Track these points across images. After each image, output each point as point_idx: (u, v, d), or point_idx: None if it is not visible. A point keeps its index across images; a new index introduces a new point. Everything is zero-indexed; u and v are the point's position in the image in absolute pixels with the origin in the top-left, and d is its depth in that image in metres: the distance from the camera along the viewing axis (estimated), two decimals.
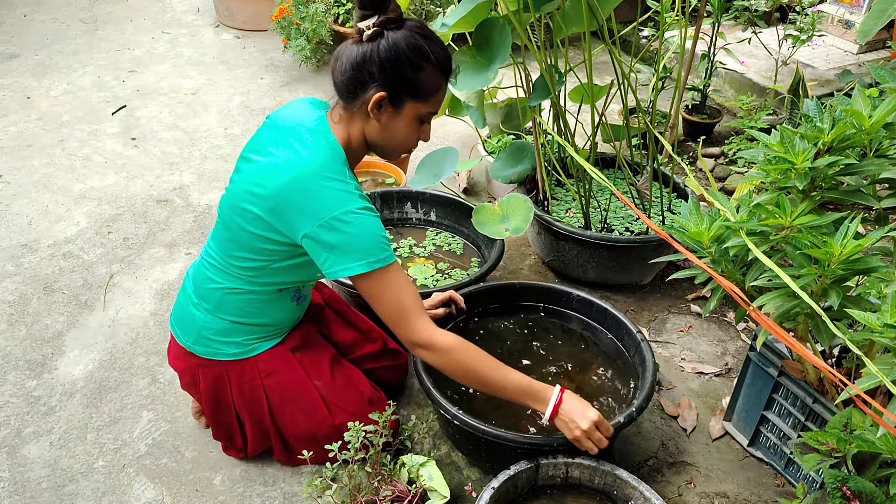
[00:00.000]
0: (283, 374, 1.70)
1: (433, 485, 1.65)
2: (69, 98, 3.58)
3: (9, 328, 2.22)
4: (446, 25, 1.99)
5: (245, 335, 1.67)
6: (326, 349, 1.81)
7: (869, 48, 3.93)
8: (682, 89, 2.34)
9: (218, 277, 1.62)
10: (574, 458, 1.59)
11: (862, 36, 1.60)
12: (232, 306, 1.63)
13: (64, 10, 4.64)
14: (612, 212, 2.49)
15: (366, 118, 1.47)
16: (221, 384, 1.70)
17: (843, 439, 1.34)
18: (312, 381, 1.72)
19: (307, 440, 1.73)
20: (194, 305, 1.67)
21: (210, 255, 1.64)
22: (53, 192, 2.88)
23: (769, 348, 1.71)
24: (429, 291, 1.97)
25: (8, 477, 1.77)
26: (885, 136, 1.39)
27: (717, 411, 2.00)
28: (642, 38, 3.87)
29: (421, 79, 1.43)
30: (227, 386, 1.70)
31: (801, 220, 1.32)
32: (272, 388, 1.70)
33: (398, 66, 1.40)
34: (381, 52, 1.39)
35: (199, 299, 1.66)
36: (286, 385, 1.70)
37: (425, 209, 2.50)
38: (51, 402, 1.98)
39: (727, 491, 1.79)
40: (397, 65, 1.40)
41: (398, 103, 1.45)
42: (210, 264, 1.63)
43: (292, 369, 1.71)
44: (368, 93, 1.42)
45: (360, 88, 1.43)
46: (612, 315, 1.97)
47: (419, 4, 3.79)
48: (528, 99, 2.19)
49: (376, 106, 1.43)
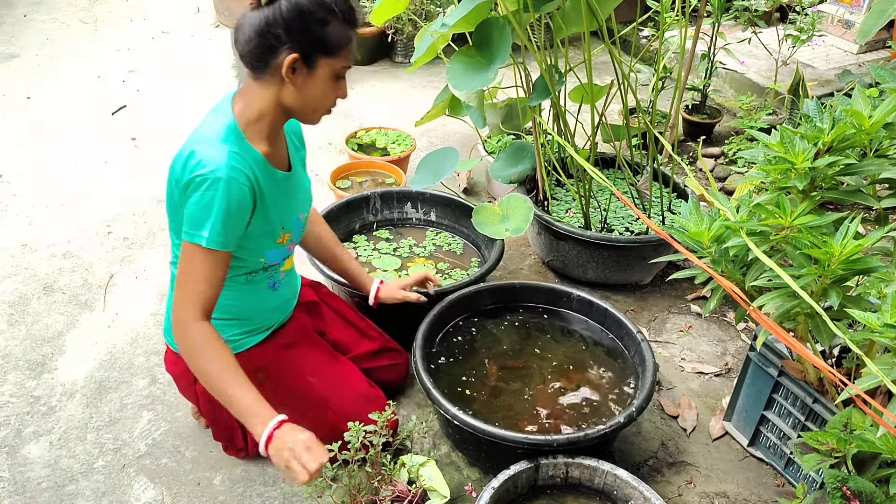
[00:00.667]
0: (276, 370, 1.69)
1: (433, 485, 1.65)
2: (69, 98, 3.58)
3: (9, 328, 2.22)
4: (446, 25, 1.99)
5: (230, 330, 1.63)
6: (321, 346, 1.80)
7: (869, 48, 3.94)
8: (682, 89, 2.34)
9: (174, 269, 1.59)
10: (574, 459, 1.59)
11: (862, 36, 1.60)
12: None
13: (64, 10, 4.63)
14: (612, 212, 2.49)
15: (280, 84, 1.42)
16: None
17: (843, 439, 1.34)
18: (307, 377, 1.71)
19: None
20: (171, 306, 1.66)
21: (174, 255, 1.60)
22: (53, 192, 2.88)
23: (769, 348, 1.71)
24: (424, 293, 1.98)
25: (8, 477, 1.77)
26: (885, 136, 1.39)
27: (717, 411, 2.00)
28: (642, 38, 3.87)
29: (329, 33, 1.39)
30: None
31: (801, 220, 1.33)
32: (265, 384, 1.66)
33: (305, 24, 1.36)
34: (284, 13, 1.35)
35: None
36: (279, 381, 1.69)
37: (425, 209, 2.50)
38: (51, 402, 1.98)
39: (727, 491, 1.79)
40: (303, 23, 1.36)
41: (311, 63, 1.40)
42: (174, 263, 1.59)
43: (285, 365, 1.70)
44: (279, 57, 1.38)
45: (270, 54, 1.38)
46: (612, 315, 1.97)
47: (419, 4, 3.79)
48: (528, 99, 2.19)
49: (290, 69, 1.39)
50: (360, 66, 4.06)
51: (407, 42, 3.99)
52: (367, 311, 2.04)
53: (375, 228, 2.49)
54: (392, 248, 2.40)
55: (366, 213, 2.46)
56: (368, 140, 3.03)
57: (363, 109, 3.60)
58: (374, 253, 2.37)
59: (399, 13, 2.33)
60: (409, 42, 3.98)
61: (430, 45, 2.28)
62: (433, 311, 1.93)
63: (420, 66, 2.41)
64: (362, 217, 2.46)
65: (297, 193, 1.63)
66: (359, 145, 3.00)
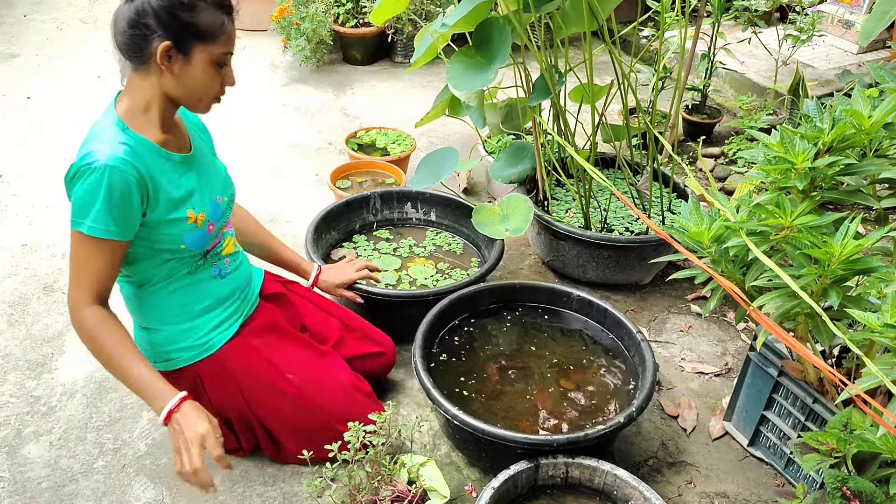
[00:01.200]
0: (250, 364, 1.68)
1: (433, 485, 1.65)
2: (69, 98, 3.58)
3: (9, 328, 2.22)
4: (446, 25, 1.99)
5: (192, 334, 1.64)
6: (297, 339, 1.77)
7: (869, 48, 3.94)
8: (682, 89, 2.34)
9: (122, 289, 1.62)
10: (574, 458, 1.59)
11: (864, 38, 1.60)
12: (154, 310, 1.61)
13: (64, 10, 4.63)
14: (612, 212, 2.49)
15: (159, 73, 1.44)
16: (196, 389, 1.67)
17: (843, 439, 1.34)
18: (284, 374, 1.69)
19: (291, 431, 1.72)
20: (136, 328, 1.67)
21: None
22: (53, 191, 2.87)
23: (769, 348, 1.71)
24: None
25: (8, 477, 1.77)
26: (885, 136, 1.39)
27: (717, 411, 2.00)
28: (642, 38, 3.87)
29: (200, 19, 1.40)
30: (201, 389, 1.68)
31: (801, 220, 1.33)
32: (243, 379, 1.67)
33: (173, 11, 1.38)
34: (152, 2, 1.37)
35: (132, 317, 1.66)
36: (255, 375, 1.68)
37: (425, 209, 2.50)
38: (51, 402, 1.98)
39: (727, 491, 1.79)
40: (171, 10, 1.37)
41: (186, 50, 1.41)
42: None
43: (259, 358, 1.68)
44: (152, 45, 1.39)
45: (144, 44, 1.40)
46: (612, 315, 1.97)
47: (419, 4, 3.79)
48: (528, 99, 2.19)
49: (165, 57, 1.40)
50: (360, 66, 4.06)
51: (407, 42, 3.99)
52: (367, 311, 2.04)
53: (375, 228, 2.49)
54: (392, 248, 2.40)
55: (366, 213, 2.46)
56: (368, 140, 3.03)
57: (363, 109, 3.60)
58: (374, 253, 2.37)
59: (399, 13, 2.33)
60: (409, 42, 3.98)
61: (430, 45, 2.28)
62: (433, 311, 1.93)
63: (420, 66, 2.41)
64: (362, 217, 2.46)
65: (207, 176, 1.63)
66: (359, 145, 3.00)
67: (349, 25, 3.89)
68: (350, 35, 3.93)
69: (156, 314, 1.62)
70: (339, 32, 3.90)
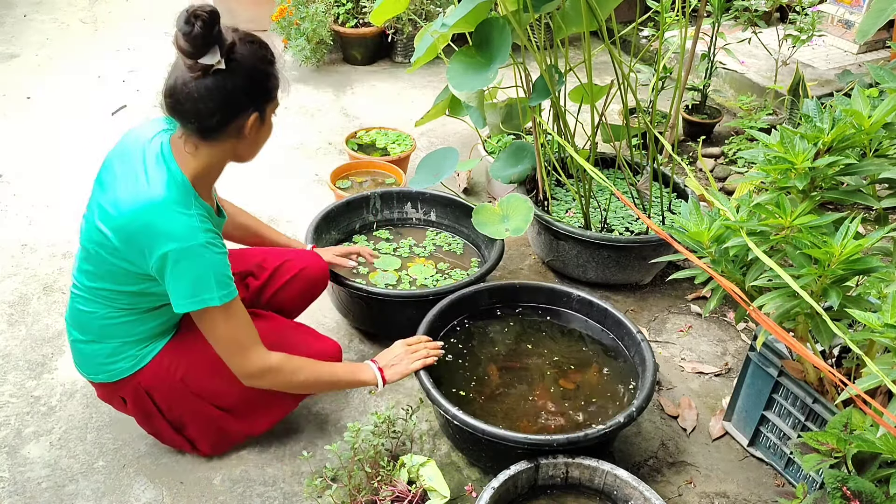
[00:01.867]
0: (191, 357, 1.65)
1: (433, 485, 1.65)
2: (69, 98, 3.58)
3: (9, 328, 2.22)
4: (446, 25, 1.99)
5: (136, 348, 1.63)
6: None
7: (869, 48, 3.93)
8: (682, 89, 2.34)
9: (91, 308, 1.58)
10: (574, 458, 1.59)
11: (861, 36, 1.60)
12: (118, 330, 1.60)
13: (64, 10, 4.64)
14: (612, 212, 2.49)
15: (237, 141, 1.47)
16: (140, 397, 1.67)
17: (843, 439, 1.34)
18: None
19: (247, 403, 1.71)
20: (80, 342, 1.65)
21: (79, 288, 1.59)
22: (53, 191, 2.88)
23: (769, 348, 1.71)
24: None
25: (8, 477, 1.77)
26: (885, 136, 1.40)
27: (717, 411, 2.00)
28: (642, 38, 3.87)
29: (273, 84, 1.47)
30: (146, 397, 1.67)
31: (801, 220, 1.33)
32: (186, 373, 1.65)
33: (260, 84, 1.43)
34: (242, 80, 1.39)
35: (80, 333, 1.64)
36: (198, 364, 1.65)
37: (425, 209, 2.50)
38: (51, 402, 1.98)
39: (727, 491, 1.79)
40: (259, 83, 1.43)
41: (263, 115, 1.48)
42: (80, 297, 1.59)
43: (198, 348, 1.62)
44: (241, 120, 1.43)
45: (233, 119, 1.42)
46: (612, 315, 1.97)
47: (419, 4, 3.79)
48: (528, 99, 2.19)
49: (253, 125, 1.46)
50: (360, 66, 4.06)
51: (407, 42, 3.99)
52: (367, 311, 2.04)
53: (375, 228, 2.49)
54: (392, 249, 2.40)
55: (366, 213, 2.46)
56: (368, 140, 3.03)
57: (363, 109, 3.60)
58: (374, 253, 2.37)
59: (399, 13, 2.33)
60: (409, 42, 3.98)
61: (430, 45, 2.28)
62: (433, 311, 1.93)
63: (420, 66, 2.41)
64: (362, 217, 2.46)
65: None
66: (359, 145, 3.00)
67: (349, 25, 3.89)
68: (350, 35, 3.93)
69: (118, 332, 1.61)
70: (339, 32, 3.90)
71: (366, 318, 2.14)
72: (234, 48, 1.37)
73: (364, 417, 1.94)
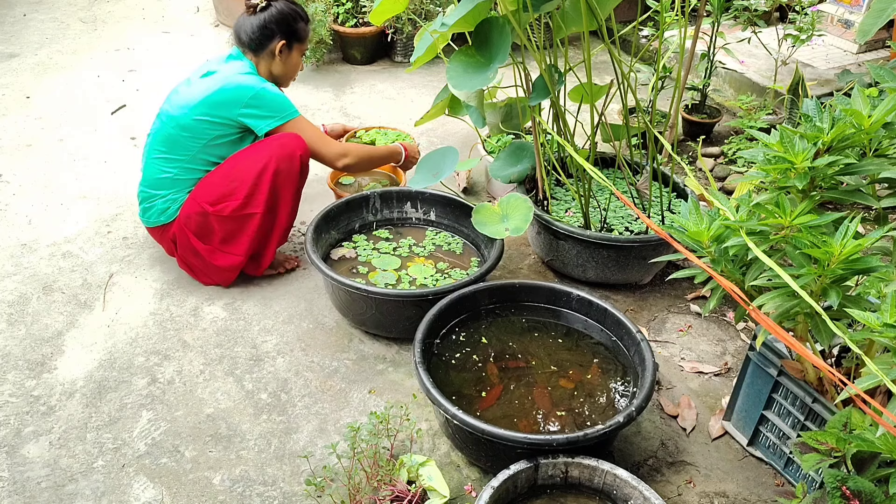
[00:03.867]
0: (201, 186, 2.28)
1: (433, 484, 1.65)
2: (69, 98, 3.58)
3: (8, 328, 2.22)
4: (446, 25, 1.99)
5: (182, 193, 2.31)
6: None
7: (868, 48, 3.93)
8: (682, 89, 2.34)
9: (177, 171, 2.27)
10: (574, 458, 1.59)
11: (861, 35, 1.60)
12: (188, 186, 2.28)
13: (64, 10, 4.63)
14: (612, 211, 2.49)
15: (270, 60, 2.28)
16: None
17: (843, 439, 1.34)
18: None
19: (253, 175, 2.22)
20: (162, 199, 2.28)
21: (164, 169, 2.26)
22: (53, 191, 2.88)
23: (769, 348, 1.71)
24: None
25: (7, 476, 1.77)
26: (885, 136, 1.39)
27: (716, 411, 2.00)
28: (642, 38, 3.87)
29: (300, 29, 2.29)
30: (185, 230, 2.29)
31: (801, 219, 1.33)
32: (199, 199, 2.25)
33: (288, 24, 2.25)
34: (275, 17, 2.23)
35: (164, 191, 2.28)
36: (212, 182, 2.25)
37: (425, 209, 2.50)
38: (50, 401, 1.98)
39: (727, 490, 1.80)
40: (287, 23, 2.25)
41: (290, 47, 2.29)
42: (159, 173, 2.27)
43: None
44: (273, 43, 2.25)
45: (266, 42, 2.25)
46: (611, 315, 1.97)
47: (419, 4, 3.79)
48: (528, 98, 2.19)
49: (279, 51, 2.26)
50: (359, 66, 4.06)
51: (406, 42, 3.99)
52: (368, 310, 2.03)
53: (375, 228, 2.49)
54: (392, 248, 2.40)
55: (365, 212, 2.46)
56: (368, 140, 3.02)
57: (363, 109, 3.60)
58: (374, 252, 2.37)
59: (398, 13, 2.33)
60: (409, 42, 3.98)
61: (430, 45, 2.28)
62: (433, 311, 1.93)
63: (420, 65, 2.41)
64: (362, 217, 2.46)
65: None
66: None
67: (349, 25, 3.89)
68: (350, 35, 3.93)
69: (186, 188, 2.28)
70: (338, 32, 3.90)
71: (365, 317, 2.14)
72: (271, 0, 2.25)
73: (364, 417, 1.94)
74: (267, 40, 2.23)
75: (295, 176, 2.25)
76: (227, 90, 2.17)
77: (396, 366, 2.12)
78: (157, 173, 2.27)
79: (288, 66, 2.31)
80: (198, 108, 2.18)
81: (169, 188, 2.27)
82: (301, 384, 2.05)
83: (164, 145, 2.24)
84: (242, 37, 2.24)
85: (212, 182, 2.24)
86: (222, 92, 2.17)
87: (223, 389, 2.03)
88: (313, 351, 2.16)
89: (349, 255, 2.36)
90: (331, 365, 2.11)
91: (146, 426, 1.91)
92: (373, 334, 2.21)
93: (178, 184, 2.27)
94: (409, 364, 2.12)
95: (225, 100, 2.17)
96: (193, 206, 2.24)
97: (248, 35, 2.23)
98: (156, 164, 2.27)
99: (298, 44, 2.30)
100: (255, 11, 2.22)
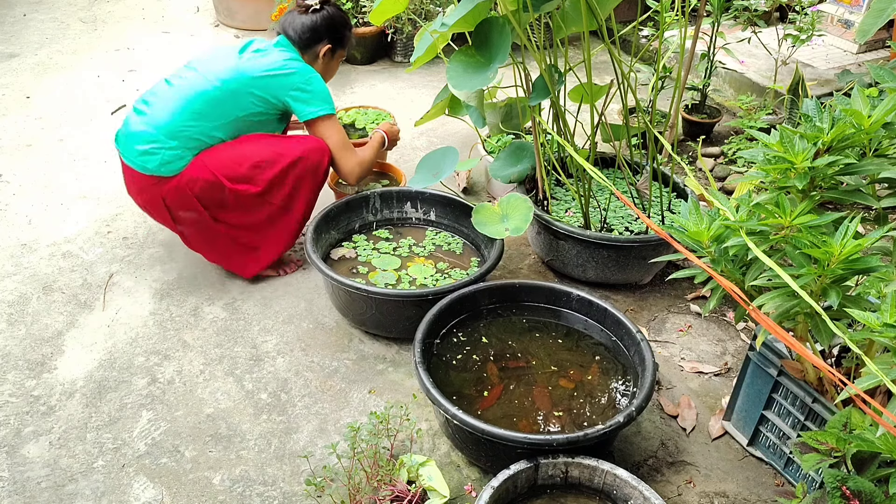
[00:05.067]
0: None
1: (433, 484, 1.65)
2: (69, 98, 3.58)
3: (8, 328, 2.22)
4: (446, 25, 1.99)
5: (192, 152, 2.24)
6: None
7: (868, 48, 3.93)
8: (682, 89, 2.34)
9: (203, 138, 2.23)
10: (574, 458, 1.59)
11: (861, 35, 1.60)
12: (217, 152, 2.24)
13: (64, 10, 4.63)
14: (612, 211, 2.49)
15: (313, 60, 2.33)
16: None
17: (843, 439, 1.34)
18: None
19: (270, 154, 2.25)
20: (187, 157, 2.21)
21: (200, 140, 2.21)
22: (53, 191, 2.88)
23: (769, 348, 1.71)
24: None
25: (7, 476, 1.77)
26: (885, 136, 1.39)
27: (716, 411, 2.00)
28: (642, 38, 3.87)
29: (346, 36, 2.37)
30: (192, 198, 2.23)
31: (801, 219, 1.33)
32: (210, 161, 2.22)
33: (337, 29, 2.33)
34: (327, 21, 2.30)
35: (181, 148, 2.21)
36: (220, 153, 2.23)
37: (425, 209, 2.50)
38: (50, 401, 1.98)
39: (727, 490, 1.80)
40: (336, 29, 2.32)
41: (333, 52, 2.36)
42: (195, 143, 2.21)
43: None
44: (320, 45, 2.31)
45: (315, 42, 2.30)
46: (611, 315, 1.97)
47: (419, 4, 3.79)
48: (528, 98, 2.19)
49: (324, 54, 2.32)
50: (359, 66, 4.06)
51: (406, 42, 3.99)
52: (368, 310, 2.03)
53: (375, 228, 2.49)
54: (392, 248, 2.40)
55: (365, 212, 2.46)
56: (348, 120, 3.01)
57: None
58: (374, 252, 2.37)
59: (399, 13, 2.33)
60: (409, 42, 3.98)
61: (430, 45, 2.28)
62: (433, 311, 1.93)
63: (420, 65, 2.41)
64: (362, 217, 2.46)
65: None
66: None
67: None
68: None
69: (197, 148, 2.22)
70: None
71: (365, 317, 2.14)
72: (327, 3, 2.32)
73: (364, 417, 1.94)
74: (314, 42, 2.28)
75: (319, 180, 2.32)
76: (288, 69, 2.21)
77: (396, 366, 2.12)
78: (180, 125, 2.17)
79: (328, 69, 2.37)
80: (256, 80, 2.19)
81: (183, 143, 2.18)
82: (301, 384, 2.05)
83: (205, 104, 2.18)
84: (291, 33, 2.28)
85: (231, 157, 2.21)
86: (283, 69, 2.20)
87: (223, 389, 2.03)
88: (313, 351, 2.16)
89: (349, 255, 2.36)
90: (331, 365, 2.11)
91: (146, 426, 1.91)
92: (373, 334, 2.21)
93: (192, 142, 2.20)
94: (409, 364, 2.12)
95: (283, 78, 2.21)
96: (204, 171, 2.19)
97: (296, 33, 2.27)
98: (185, 116, 2.18)
99: (341, 50, 2.37)
100: (307, 11, 2.28)
